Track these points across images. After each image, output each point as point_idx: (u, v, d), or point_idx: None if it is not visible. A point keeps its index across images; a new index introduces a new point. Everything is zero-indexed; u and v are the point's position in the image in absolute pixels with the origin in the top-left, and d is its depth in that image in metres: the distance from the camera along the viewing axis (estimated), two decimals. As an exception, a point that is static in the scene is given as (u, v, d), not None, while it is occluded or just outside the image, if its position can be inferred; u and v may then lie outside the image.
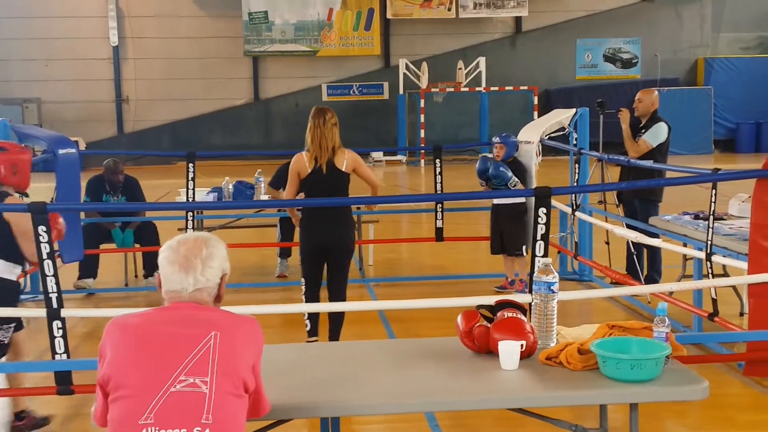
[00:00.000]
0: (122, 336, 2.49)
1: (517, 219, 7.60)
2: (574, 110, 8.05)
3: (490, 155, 7.73)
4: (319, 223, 5.74)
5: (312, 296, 5.95)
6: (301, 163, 5.73)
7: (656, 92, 7.80)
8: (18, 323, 4.79)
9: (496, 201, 7.78)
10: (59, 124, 23.80)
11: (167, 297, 2.61)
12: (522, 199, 7.57)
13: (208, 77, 26.58)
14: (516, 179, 7.39)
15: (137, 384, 2.40)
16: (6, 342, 4.70)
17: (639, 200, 7.50)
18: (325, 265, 5.93)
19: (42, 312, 4.49)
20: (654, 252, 7.34)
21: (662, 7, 27.64)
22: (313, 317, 5.90)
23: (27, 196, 5.03)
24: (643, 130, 7.55)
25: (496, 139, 7.72)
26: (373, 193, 6.02)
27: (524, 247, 7.57)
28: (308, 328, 5.90)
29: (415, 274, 8.98)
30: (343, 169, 5.72)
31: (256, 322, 2.62)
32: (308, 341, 5.89)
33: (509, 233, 7.68)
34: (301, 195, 5.91)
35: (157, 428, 2.35)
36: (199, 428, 2.36)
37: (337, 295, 5.90)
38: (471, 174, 9.02)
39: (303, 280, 5.94)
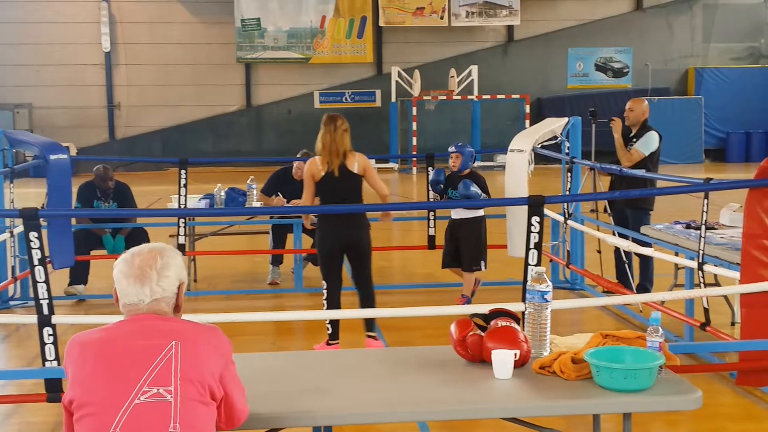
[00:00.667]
0: (82, 353, 2.48)
1: (476, 233, 7.46)
2: (566, 119, 8.06)
3: (445, 165, 7.64)
4: (334, 224, 6.01)
5: (333, 298, 6.10)
6: (315, 167, 6.03)
7: (646, 102, 7.83)
8: None
9: (454, 215, 7.63)
10: (51, 130, 23.72)
11: (125, 311, 2.59)
12: (480, 212, 7.48)
13: (200, 83, 26.55)
14: (482, 194, 7.30)
15: (101, 400, 2.38)
16: None
17: (631, 209, 7.50)
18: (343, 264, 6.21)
19: (32, 318, 4.47)
20: (646, 261, 7.35)
21: (653, 17, 27.76)
22: (335, 322, 6.08)
23: None
24: (634, 139, 7.57)
25: (451, 149, 7.58)
26: (382, 201, 6.30)
27: (482, 262, 7.48)
28: (330, 331, 6.08)
29: (407, 282, 8.98)
30: (355, 171, 6.04)
31: (218, 331, 2.61)
32: (329, 344, 6.05)
33: (467, 247, 7.50)
34: (317, 200, 6.14)
35: None
36: None
37: (365, 288, 6.24)
38: (463, 182, 9.00)
39: (324, 282, 6.12)
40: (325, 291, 6.09)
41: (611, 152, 7.64)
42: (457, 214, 7.53)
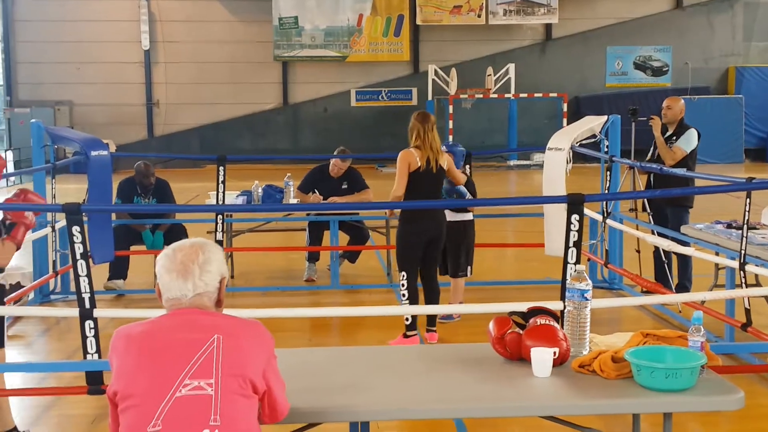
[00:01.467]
0: (126, 346, 2.51)
1: (465, 237, 7.09)
2: (605, 117, 7.99)
3: None
4: (428, 216, 6.21)
5: (414, 290, 6.20)
6: (413, 158, 6.14)
7: (683, 100, 7.79)
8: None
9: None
10: (90, 127, 24.00)
11: (168, 305, 2.62)
12: (470, 216, 7.13)
13: (237, 82, 26.73)
14: (468, 194, 7.01)
15: (143, 392, 2.42)
16: None
17: (671, 207, 7.44)
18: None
19: (74, 312, 4.53)
20: (685, 260, 7.27)
21: (694, 16, 27.45)
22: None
23: None
24: (674, 138, 7.51)
25: (441, 147, 7.36)
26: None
27: (469, 268, 7.15)
28: (408, 322, 6.19)
29: (443, 281, 8.94)
30: (445, 168, 6.29)
31: (261, 326, 2.63)
32: (407, 335, 6.17)
33: (455, 252, 7.02)
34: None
35: None
36: (208, 430, 2.37)
37: (433, 281, 6.44)
38: (498, 180, 9.00)
39: (404, 273, 6.18)
40: (405, 282, 6.14)
41: (647, 151, 7.61)
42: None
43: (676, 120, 7.58)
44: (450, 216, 6.86)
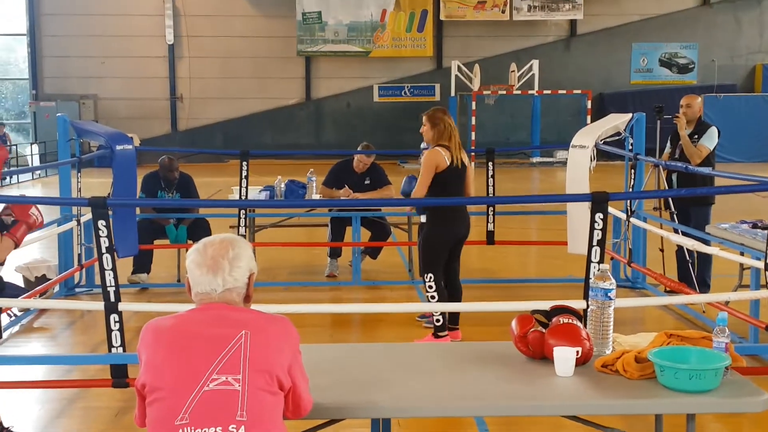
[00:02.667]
0: (156, 339, 2.54)
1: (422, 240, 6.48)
2: (630, 115, 7.94)
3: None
4: (459, 215, 6.18)
5: (442, 290, 6.19)
6: (441, 158, 6.07)
7: (700, 98, 7.81)
8: None
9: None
10: (115, 121, 24.21)
11: (197, 299, 2.63)
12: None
13: (261, 76, 26.81)
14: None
15: (171, 385, 2.44)
16: None
17: (694, 206, 7.41)
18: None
19: (99, 305, 4.56)
20: (706, 258, 7.23)
21: (720, 13, 27.21)
22: (445, 314, 6.18)
23: None
24: (695, 136, 7.50)
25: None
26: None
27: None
28: (440, 323, 6.15)
29: (464, 277, 8.91)
30: (467, 165, 6.23)
31: (288, 322, 2.64)
32: (438, 335, 6.15)
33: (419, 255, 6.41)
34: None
35: (192, 428, 2.38)
36: (234, 425, 2.38)
37: (457, 278, 6.41)
38: (521, 177, 8.98)
39: (431, 275, 6.12)
40: (433, 284, 6.10)
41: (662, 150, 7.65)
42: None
43: (695, 118, 7.59)
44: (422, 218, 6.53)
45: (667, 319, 6.96)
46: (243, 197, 8.22)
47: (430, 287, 6.12)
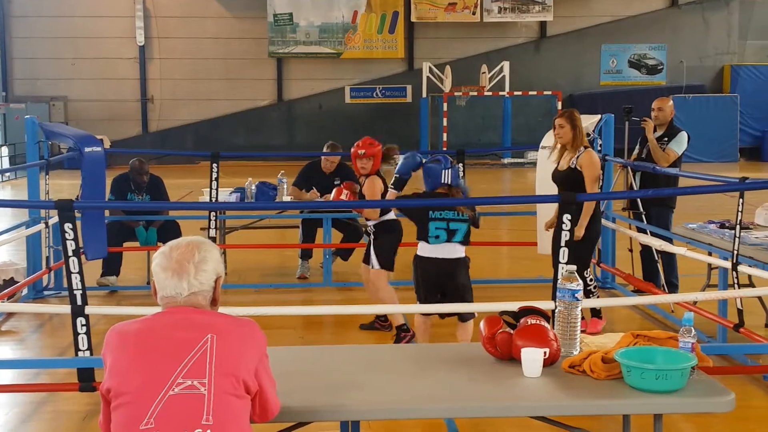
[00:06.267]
0: (120, 344, 2.52)
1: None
2: (599, 116, 8.00)
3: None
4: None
5: None
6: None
7: (672, 100, 7.81)
8: None
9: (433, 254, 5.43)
10: (85, 123, 23.98)
11: (163, 303, 2.62)
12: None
13: (232, 78, 26.69)
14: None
15: (136, 390, 2.42)
16: None
17: (656, 207, 7.46)
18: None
19: (66, 308, 4.52)
20: (670, 258, 7.30)
21: (689, 14, 27.47)
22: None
23: None
24: (665, 139, 7.49)
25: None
26: None
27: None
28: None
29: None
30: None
31: (255, 325, 2.62)
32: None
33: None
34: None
35: None
36: (200, 430, 2.37)
37: None
38: (493, 178, 9.00)
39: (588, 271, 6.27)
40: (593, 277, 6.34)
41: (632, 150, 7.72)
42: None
43: (666, 121, 7.57)
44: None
45: (635, 319, 7.02)
46: (213, 199, 8.18)
47: (591, 280, 6.24)
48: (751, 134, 26.49)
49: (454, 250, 5.36)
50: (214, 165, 8.12)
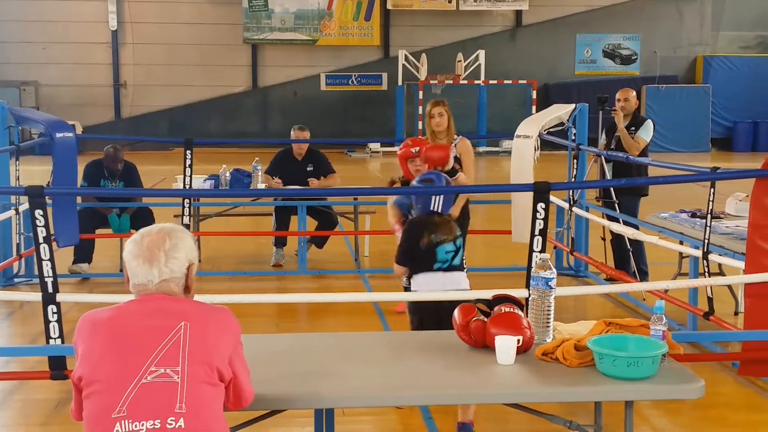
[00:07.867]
0: (92, 331, 2.49)
1: None
2: (573, 105, 8.05)
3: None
4: None
5: None
6: None
7: (635, 91, 8.05)
8: None
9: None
10: (56, 108, 23.70)
11: (135, 291, 2.60)
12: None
13: (206, 64, 26.50)
14: None
15: (108, 378, 2.40)
16: None
17: (624, 195, 7.59)
18: None
19: (37, 296, 4.48)
20: (639, 246, 7.40)
21: (663, 4, 27.61)
22: None
23: None
24: (632, 128, 7.70)
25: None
26: None
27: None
28: None
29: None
30: None
31: (229, 312, 2.61)
32: None
33: None
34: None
35: (130, 421, 2.34)
36: (173, 418, 2.35)
37: None
38: (469, 167, 8.94)
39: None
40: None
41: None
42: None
43: (632, 111, 7.85)
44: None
45: (608, 307, 7.08)
46: (187, 186, 8.14)
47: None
48: (723, 125, 26.74)
49: (459, 282, 4.74)
50: (188, 152, 8.08)
